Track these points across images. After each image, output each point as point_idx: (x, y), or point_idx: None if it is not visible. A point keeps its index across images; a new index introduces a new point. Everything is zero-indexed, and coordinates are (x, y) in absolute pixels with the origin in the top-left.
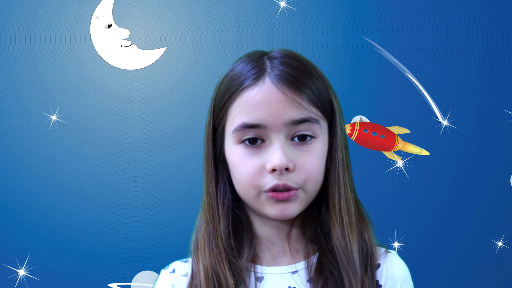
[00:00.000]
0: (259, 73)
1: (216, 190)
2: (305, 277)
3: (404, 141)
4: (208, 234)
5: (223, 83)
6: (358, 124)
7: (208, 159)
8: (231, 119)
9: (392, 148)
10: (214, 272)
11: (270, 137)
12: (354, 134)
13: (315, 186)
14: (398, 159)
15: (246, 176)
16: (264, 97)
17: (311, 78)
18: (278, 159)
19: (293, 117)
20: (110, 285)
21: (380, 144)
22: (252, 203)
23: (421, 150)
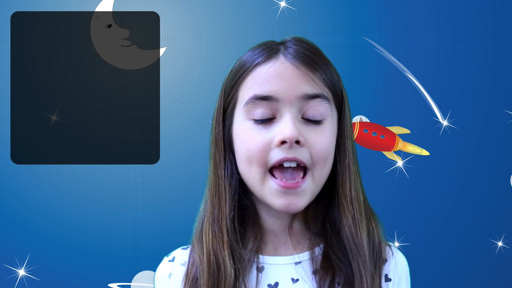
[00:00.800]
0: (272, 51)
1: (223, 172)
2: (309, 269)
3: (404, 141)
4: (212, 217)
5: (234, 67)
6: (358, 124)
7: (217, 141)
8: (242, 94)
9: (392, 148)
10: (215, 256)
11: (281, 111)
12: (354, 134)
13: (323, 170)
14: (398, 159)
15: (253, 151)
16: (277, 71)
17: (323, 62)
18: (290, 131)
19: (306, 91)
20: (110, 285)
21: (380, 144)
22: (256, 188)
23: (421, 150)
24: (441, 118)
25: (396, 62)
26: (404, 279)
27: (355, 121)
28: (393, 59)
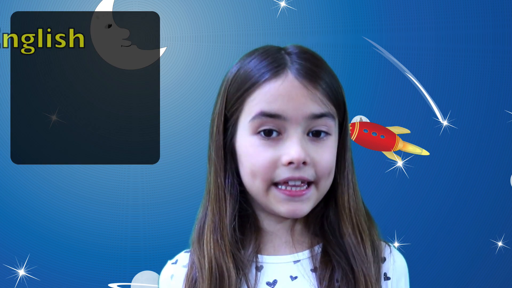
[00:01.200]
0: (280, 67)
1: (224, 181)
2: (308, 267)
3: (404, 141)
4: (214, 225)
5: (239, 74)
6: (358, 124)
7: (218, 149)
8: (248, 108)
9: (392, 148)
10: (218, 264)
11: (287, 130)
12: (354, 134)
13: (327, 183)
14: (398, 159)
15: (258, 167)
16: (287, 90)
17: (328, 75)
18: (297, 153)
19: (314, 111)
20: (110, 285)
21: (380, 144)
22: (259, 197)
23: (421, 150)
24: (441, 118)
25: (396, 62)
26: (404, 278)
27: (355, 121)
28: (393, 59)
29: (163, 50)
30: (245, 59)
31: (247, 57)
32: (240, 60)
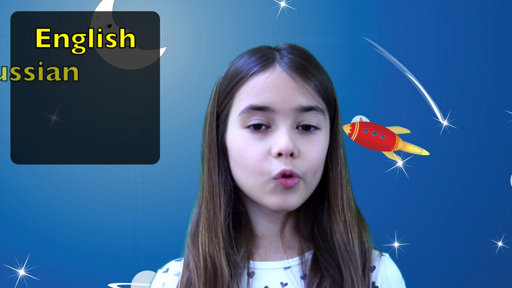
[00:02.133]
0: (268, 61)
1: (218, 178)
2: (298, 274)
3: (404, 141)
4: (208, 223)
5: (229, 72)
6: (358, 124)
7: (211, 146)
8: (237, 103)
9: (392, 148)
10: (212, 261)
11: (276, 122)
12: (354, 134)
13: (314, 177)
14: (398, 159)
15: (251, 161)
16: (274, 82)
17: (318, 71)
18: (285, 143)
19: (302, 103)
20: (110, 285)
21: (380, 144)
22: (254, 191)
23: (421, 150)
24: (441, 118)
25: (396, 62)
26: (394, 286)
27: (355, 121)
28: (393, 59)
29: (163, 50)
30: (236, 59)
31: (237, 57)
32: (230, 62)
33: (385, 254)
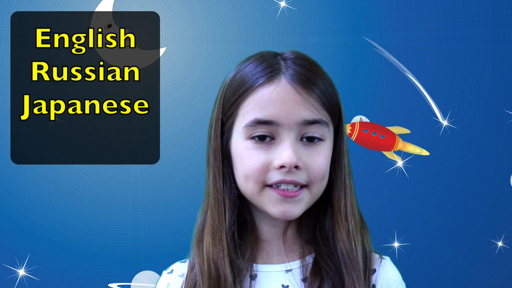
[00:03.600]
0: (274, 72)
1: (222, 185)
2: (299, 276)
3: (404, 141)
4: (213, 229)
5: (235, 79)
6: (358, 124)
7: (216, 153)
8: (242, 114)
9: (392, 148)
10: (215, 267)
11: (280, 135)
12: (354, 134)
13: (320, 187)
14: (398, 159)
15: (251, 170)
16: (279, 95)
17: (322, 81)
18: (289, 156)
19: (306, 117)
20: (110, 285)
21: (380, 144)
22: (254, 199)
23: (421, 150)
24: (441, 118)
25: (396, 62)
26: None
27: (355, 121)
28: (393, 59)
29: (163, 50)
30: (242, 64)
31: (244, 63)
32: (237, 65)
33: (385, 258)
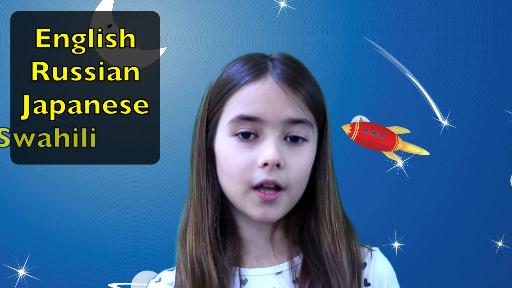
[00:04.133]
0: (261, 71)
1: (206, 183)
2: (289, 278)
3: (404, 141)
4: (196, 227)
5: (221, 78)
6: (358, 124)
7: (200, 150)
8: (227, 111)
9: (392, 148)
10: (199, 265)
11: (264, 132)
12: (354, 134)
13: (299, 189)
14: (398, 159)
15: (236, 169)
16: (265, 93)
17: (309, 83)
18: (272, 154)
19: (291, 116)
20: (110, 285)
21: (380, 144)
22: (237, 200)
23: (421, 150)
24: (441, 118)
25: (396, 62)
26: (386, 282)
27: (355, 121)
28: (393, 59)
29: (163, 50)
30: (229, 65)
31: (231, 63)
32: (224, 67)
33: (374, 249)
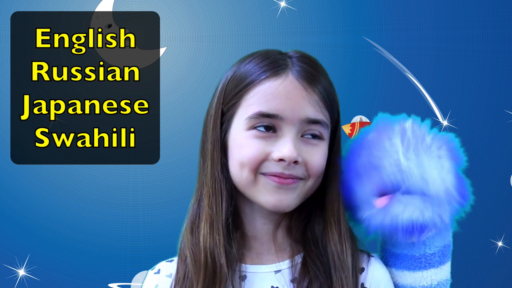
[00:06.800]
0: (281, 67)
1: (221, 175)
2: (288, 277)
3: None
4: (211, 219)
5: (238, 72)
6: (358, 124)
7: (215, 143)
8: (245, 106)
9: None
10: (212, 257)
11: (282, 129)
12: (354, 134)
13: (315, 183)
14: None
15: (247, 157)
16: (286, 90)
17: (325, 80)
18: (289, 151)
19: (309, 115)
20: (110, 285)
21: None
22: (247, 189)
23: None
24: (441, 118)
25: (396, 62)
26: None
27: (355, 121)
28: (393, 59)
29: (163, 50)
30: (242, 61)
31: (244, 60)
32: (235, 64)
33: (373, 255)
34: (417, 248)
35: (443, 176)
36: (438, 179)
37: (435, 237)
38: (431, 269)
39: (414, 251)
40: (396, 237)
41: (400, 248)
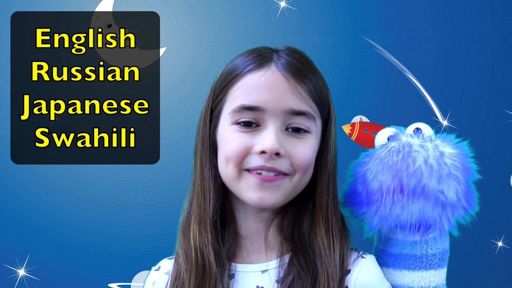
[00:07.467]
0: (265, 60)
1: (209, 173)
2: (274, 277)
3: None
4: (199, 217)
5: (226, 69)
6: (358, 124)
7: (204, 141)
8: (230, 100)
9: None
10: (201, 255)
11: (265, 122)
12: (354, 134)
13: (302, 178)
14: None
15: (231, 152)
16: (267, 81)
17: (313, 75)
18: (271, 143)
19: (293, 106)
20: (110, 285)
21: None
22: (232, 184)
23: None
24: (441, 118)
25: (396, 62)
26: None
27: (355, 121)
28: (393, 59)
29: (163, 50)
30: (235, 58)
31: (237, 56)
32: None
33: (365, 256)
34: (419, 247)
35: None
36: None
37: (437, 238)
38: (430, 270)
39: (416, 250)
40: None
41: (400, 247)
